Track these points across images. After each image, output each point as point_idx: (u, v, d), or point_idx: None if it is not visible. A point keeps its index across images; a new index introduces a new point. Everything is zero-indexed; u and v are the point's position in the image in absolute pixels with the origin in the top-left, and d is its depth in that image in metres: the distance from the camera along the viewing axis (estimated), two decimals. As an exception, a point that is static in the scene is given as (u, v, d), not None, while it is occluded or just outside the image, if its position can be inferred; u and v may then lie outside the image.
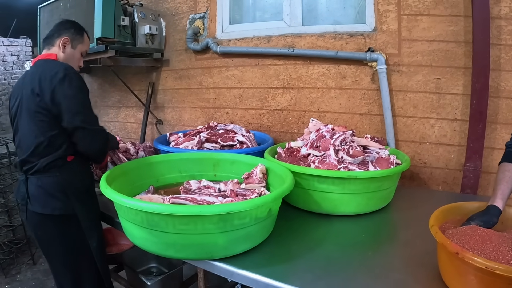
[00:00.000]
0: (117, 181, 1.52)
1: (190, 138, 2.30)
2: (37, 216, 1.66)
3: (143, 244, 1.33)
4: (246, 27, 2.74)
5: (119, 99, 3.57)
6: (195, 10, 2.94)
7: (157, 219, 1.20)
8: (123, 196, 1.27)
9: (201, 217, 1.16)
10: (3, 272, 3.19)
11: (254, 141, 2.23)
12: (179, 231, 1.20)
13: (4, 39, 7.37)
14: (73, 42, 1.86)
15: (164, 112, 3.23)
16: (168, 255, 1.29)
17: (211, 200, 1.35)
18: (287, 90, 2.52)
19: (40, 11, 3.46)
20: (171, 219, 1.18)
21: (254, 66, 2.66)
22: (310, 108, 2.44)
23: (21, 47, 7.50)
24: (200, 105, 2.99)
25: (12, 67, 7.47)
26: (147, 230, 1.26)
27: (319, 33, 2.40)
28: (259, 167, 1.67)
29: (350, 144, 1.82)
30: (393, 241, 1.47)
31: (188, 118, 3.08)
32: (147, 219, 1.22)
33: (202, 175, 1.90)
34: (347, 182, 1.56)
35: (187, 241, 1.23)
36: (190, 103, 3.05)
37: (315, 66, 2.42)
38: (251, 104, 2.69)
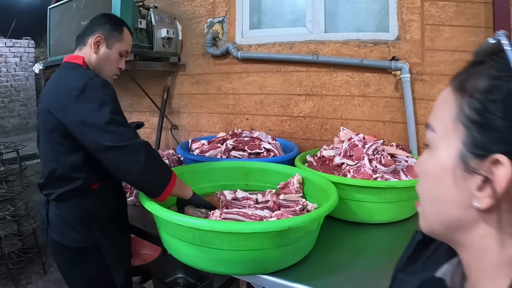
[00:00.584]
0: None
1: (215, 146, 2.39)
2: (56, 243, 1.57)
3: (192, 261, 1.36)
4: (266, 33, 2.86)
5: (130, 103, 3.67)
6: (214, 14, 3.06)
7: (212, 236, 1.23)
8: (173, 213, 1.29)
9: (259, 233, 1.21)
10: (13, 282, 3.28)
11: (281, 149, 2.33)
12: (234, 248, 1.25)
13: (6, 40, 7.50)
14: (109, 41, 1.65)
15: (180, 117, 3.34)
16: (218, 271, 1.35)
17: (262, 214, 1.45)
18: (310, 97, 2.66)
19: (50, 12, 3.50)
20: (227, 236, 1.22)
21: (276, 72, 2.79)
22: (333, 116, 2.59)
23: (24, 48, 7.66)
24: (218, 111, 3.12)
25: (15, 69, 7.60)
26: (198, 247, 1.29)
27: (343, 40, 2.54)
28: (296, 177, 1.79)
29: (381, 153, 1.93)
30: None
31: (205, 124, 3.21)
32: (199, 236, 1.25)
33: (233, 185, 1.99)
34: (383, 191, 1.68)
35: (240, 257, 1.27)
36: (208, 109, 3.17)
37: (338, 74, 2.56)
38: (272, 111, 2.83)
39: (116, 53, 1.68)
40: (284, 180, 1.84)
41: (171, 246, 1.42)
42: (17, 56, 7.51)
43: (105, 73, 1.66)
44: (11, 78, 7.62)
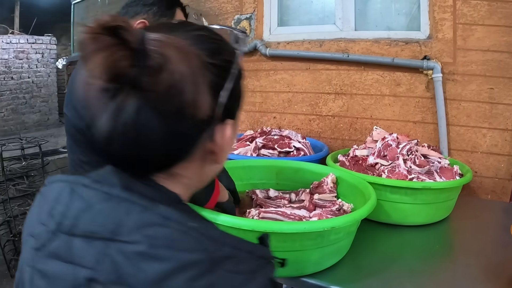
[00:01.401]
0: None
1: (244, 144, 2.53)
2: None
3: None
4: (295, 30, 3.02)
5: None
6: (241, 10, 3.22)
7: (252, 236, 1.20)
8: (213, 212, 1.29)
9: (300, 234, 1.25)
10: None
11: (311, 148, 2.41)
12: (274, 249, 1.26)
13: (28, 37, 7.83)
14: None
15: (206, 113, 3.40)
16: None
17: (301, 214, 1.57)
18: (339, 96, 2.79)
19: (74, 7, 3.68)
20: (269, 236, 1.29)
21: (305, 70, 2.94)
22: (363, 115, 2.73)
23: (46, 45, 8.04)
24: (245, 109, 3.26)
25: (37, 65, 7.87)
26: None
27: (373, 38, 2.68)
28: (330, 176, 1.87)
29: (415, 153, 2.01)
30: (466, 252, 1.62)
31: None
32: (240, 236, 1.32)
33: (264, 184, 2.04)
34: (419, 192, 1.76)
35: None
36: None
37: (369, 72, 2.70)
38: (300, 109, 2.97)
39: None
40: (316, 179, 1.92)
41: None
42: (39, 53, 7.88)
43: None
44: (32, 74, 7.99)
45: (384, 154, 2.08)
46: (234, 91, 0.70)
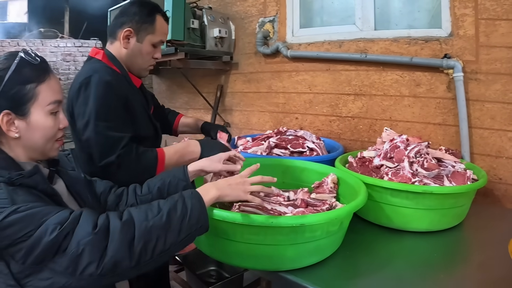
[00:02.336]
0: None
1: (259, 143, 2.56)
2: None
3: (209, 251, 1.50)
4: (316, 31, 3.02)
5: (186, 100, 3.90)
6: (265, 13, 3.27)
7: (225, 227, 1.34)
8: None
9: (271, 228, 1.28)
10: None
11: (324, 148, 2.44)
12: (247, 241, 1.33)
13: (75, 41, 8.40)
14: (139, 34, 1.69)
15: (232, 115, 3.52)
16: (233, 263, 1.46)
17: (282, 210, 1.60)
18: (359, 97, 2.76)
19: (110, 14, 3.85)
20: (240, 228, 1.31)
21: (325, 71, 2.93)
22: (382, 116, 2.67)
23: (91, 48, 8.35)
24: (268, 109, 3.32)
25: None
26: (214, 238, 1.41)
27: (393, 38, 2.62)
28: (331, 176, 1.86)
29: (425, 156, 1.94)
30: (466, 263, 1.55)
31: (256, 122, 3.43)
32: (214, 226, 1.33)
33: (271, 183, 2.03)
34: (421, 197, 1.68)
35: (254, 251, 1.36)
36: (259, 107, 3.39)
37: (388, 73, 2.64)
38: (321, 110, 2.98)
39: (149, 45, 1.70)
40: (320, 179, 1.91)
41: None
42: (85, 55, 8.28)
43: (138, 66, 1.74)
44: (79, 75, 8.51)
45: (391, 156, 2.02)
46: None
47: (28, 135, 1.12)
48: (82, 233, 0.96)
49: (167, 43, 3.04)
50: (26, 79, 1.10)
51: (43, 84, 1.13)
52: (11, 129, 1.10)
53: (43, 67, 1.15)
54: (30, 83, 1.10)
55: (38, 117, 1.12)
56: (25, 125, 1.11)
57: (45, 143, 1.16)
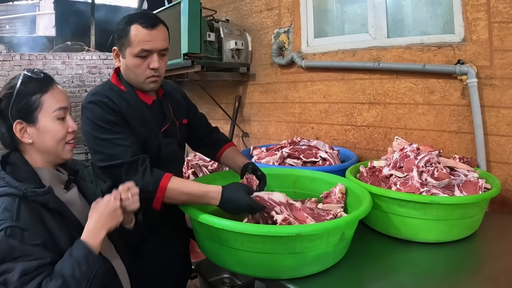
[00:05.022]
0: None
1: (272, 153, 2.64)
2: None
3: (214, 258, 1.59)
4: (330, 41, 3.08)
5: (207, 111, 4.02)
6: (280, 24, 3.36)
7: (227, 235, 1.42)
8: (195, 210, 1.52)
9: (269, 237, 1.34)
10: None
11: (338, 158, 2.48)
12: (247, 249, 1.40)
13: (100, 53, 8.80)
14: (121, 50, 1.70)
15: (250, 125, 3.60)
16: (236, 270, 1.54)
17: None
18: (373, 106, 2.79)
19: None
20: (240, 236, 1.39)
21: (340, 80, 2.98)
22: (397, 125, 2.69)
23: None
24: (285, 119, 3.39)
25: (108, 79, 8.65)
26: (218, 245, 1.49)
27: (406, 45, 2.65)
28: (338, 186, 1.90)
29: (435, 165, 1.94)
30: (474, 276, 1.52)
31: (273, 132, 3.51)
32: (217, 234, 1.45)
33: (282, 191, 2.05)
34: (429, 207, 1.68)
35: (254, 259, 1.42)
36: (276, 117, 3.47)
37: (401, 81, 2.66)
38: (336, 120, 3.02)
39: (131, 58, 1.66)
40: (328, 188, 1.95)
41: (198, 241, 1.70)
42: (110, 68, 8.76)
43: (135, 81, 1.73)
44: (104, 87, 8.92)
45: (400, 166, 2.02)
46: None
47: (40, 140, 1.32)
48: None
49: (185, 56, 3.14)
50: (32, 91, 1.30)
51: (47, 94, 1.32)
52: (25, 136, 1.30)
53: (46, 80, 1.36)
54: (35, 94, 1.30)
55: (46, 122, 1.31)
56: (36, 131, 1.31)
57: (56, 146, 1.34)
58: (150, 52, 1.65)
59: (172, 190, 1.55)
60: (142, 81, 1.72)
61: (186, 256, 2.09)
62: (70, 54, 8.39)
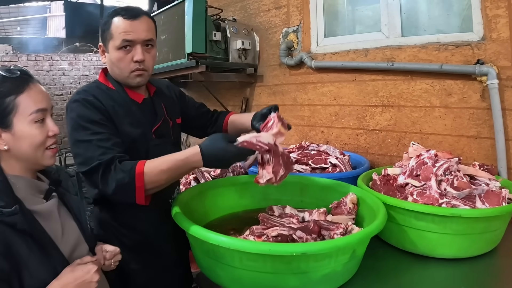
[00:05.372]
0: (193, 202, 1.73)
1: None
2: None
3: (210, 274, 1.48)
4: (341, 40, 2.97)
5: (214, 114, 3.83)
6: (288, 23, 3.26)
7: (223, 251, 1.31)
8: (189, 222, 1.40)
9: (271, 256, 1.22)
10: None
11: (349, 164, 2.39)
12: (246, 267, 1.29)
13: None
14: (105, 45, 1.66)
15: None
16: None
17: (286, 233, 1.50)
18: (387, 109, 2.68)
19: None
20: (238, 254, 1.28)
21: (351, 81, 2.86)
22: (412, 129, 2.58)
23: None
24: (294, 123, 3.27)
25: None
26: (213, 261, 1.39)
27: (421, 44, 2.52)
28: (350, 196, 1.79)
29: (455, 173, 1.81)
30: None
31: None
32: (213, 249, 1.34)
33: (288, 200, 1.98)
34: (449, 220, 1.55)
35: (254, 279, 1.31)
36: None
37: (417, 82, 2.54)
38: (347, 123, 2.91)
39: (114, 51, 1.61)
40: (339, 198, 1.83)
41: (195, 255, 1.58)
42: None
43: (121, 76, 1.67)
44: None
45: (417, 174, 1.89)
46: None
47: (16, 146, 1.20)
48: None
49: (189, 56, 3.05)
50: (5, 93, 1.18)
51: (22, 95, 1.20)
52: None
53: (22, 78, 1.22)
54: (9, 96, 1.18)
55: (22, 127, 1.20)
56: (11, 137, 1.19)
57: (35, 152, 1.23)
58: (132, 43, 1.60)
59: (150, 172, 1.42)
60: (127, 75, 1.65)
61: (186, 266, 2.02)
62: (77, 55, 8.46)
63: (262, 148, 1.47)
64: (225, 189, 1.99)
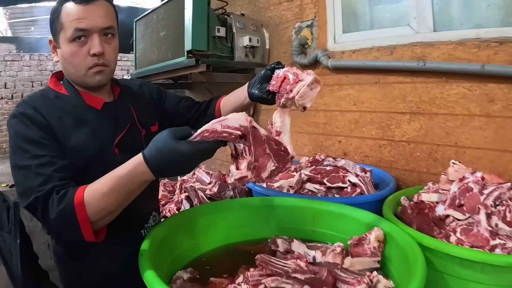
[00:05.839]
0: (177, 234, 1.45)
1: (289, 175, 2.19)
2: None
3: None
4: (362, 36, 2.65)
5: (219, 119, 3.52)
6: (302, 17, 2.95)
7: None
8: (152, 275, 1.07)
9: None
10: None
11: (371, 184, 2.09)
12: None
13: None
14: (56, 39, 1.42)
15: (268, 136, 3.09)
16: None
17: None
18: (416, 116, 2.36)
19: (136, 24, 3.80)
20: None
21: (374, 84, 2.54)
22: (445, 141, 2.24)
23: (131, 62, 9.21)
24: (307, 130, 2.99)
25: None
26: None
27: (457, 40, 2.17)
28: (375, 232, 1.43)
29: (507, 203, 1.50)
30: None
31: (293, 145, 2.84)
32: None
33: (297, 230, 1.71)
34: (503, 270, 1.24)
35: None
36: (296, 127, 3.06)
37: (452, 85, 2.19)
38: (369, 132, 2.60)
39: (66, 45, 1.35)
40: (362, 231, 1.49)
41: None
42: (124, 70, 8.78)
43: (76, 75, 1.40)
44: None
45: (460, 203, 1.55)
46: None
47: None
48: None
49: (188, 54, 2.77)
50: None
51: None
52: None
53: None
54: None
55: None
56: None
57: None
58: (88, 33, 1.33)
59: (91, 199, 1.13)
60: (84, 74, 1.37)
61: None
62: None
63: (231, 136, 1.10)
64: (220, 215, 1.67)
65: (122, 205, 1.19)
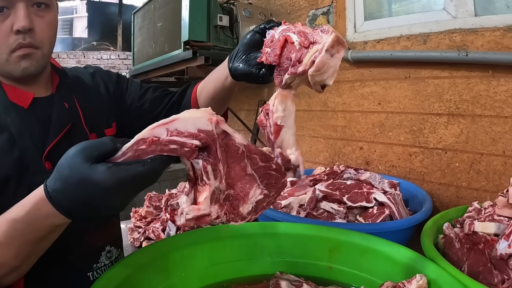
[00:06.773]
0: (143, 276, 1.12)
1: (300, 189, 1.93)
2: None
3: None
4: (388, 23, 2.36)
5: (225, 121, 3.29)
6: (317, 4, 2.72)
7: None
8: None
9: None
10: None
11: (402, 203, 1.77)
12: None
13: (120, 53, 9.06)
14: None
15: (278, 140, 2.84)
16: None
17: None
18: (455, 119, 2.06)
19: (134, 17, 3.73)
20: None
21: (403, 79, 2.25)
22: (491, 150, 1.93)
23: None
24: (323, 134, 2.72)
25: None
26: None
27: (504, 26, 1.86)
28: (417, 282, 1.05)
29: None
30: None
31: (307, 151, 2.85)
32: None
33: (309, 265, 1.36)
34: None
35: None
36: (311, 131, 2.81)
37: (500, 81, 1.88)
38: (397, 138, 2.31)
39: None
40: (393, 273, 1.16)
41: None
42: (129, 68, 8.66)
43: None
44: (123, 87, 10.14)
45: (532, 239, 1.19)
46: None
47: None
48: None
49: (185, 46, 2.58)
50: None
51: None
52: None
53: None
54: None
55: None
56: None
57: None
58: (10, 3, 0.99)
59: None
60: (6, 59, 1.03)
61: None
62: (86, 53, 8.58)
63: (183, 148, 0.71)
64: (205, 246, 1.31)
65: (30, 258, 0.84)
